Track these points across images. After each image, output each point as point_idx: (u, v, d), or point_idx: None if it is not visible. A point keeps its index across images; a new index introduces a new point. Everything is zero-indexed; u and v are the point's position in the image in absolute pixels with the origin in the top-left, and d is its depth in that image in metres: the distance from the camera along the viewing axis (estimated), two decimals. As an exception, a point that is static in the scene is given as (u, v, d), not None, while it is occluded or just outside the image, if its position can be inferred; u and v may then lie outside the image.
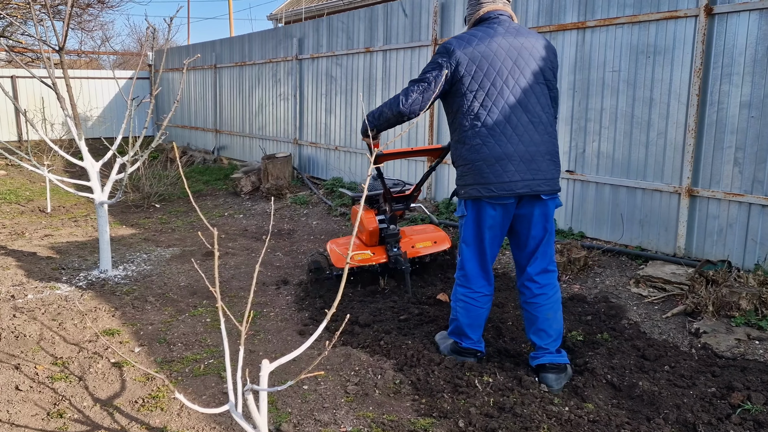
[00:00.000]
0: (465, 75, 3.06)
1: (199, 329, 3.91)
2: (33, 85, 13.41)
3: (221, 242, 6.25)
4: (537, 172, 3.06)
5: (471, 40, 3.08)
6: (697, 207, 4.64)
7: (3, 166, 11.02)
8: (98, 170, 5.03)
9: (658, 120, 4.82)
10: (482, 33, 3.11)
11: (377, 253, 4.49)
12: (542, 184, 3.07)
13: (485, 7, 3.20)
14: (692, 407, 2.86)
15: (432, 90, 3.11)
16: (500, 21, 3.16)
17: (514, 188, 3.04)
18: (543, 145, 3.09)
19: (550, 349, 3.17)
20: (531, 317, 3.23)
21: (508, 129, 3.05)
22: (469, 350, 3.34)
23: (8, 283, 4.65)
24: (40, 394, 3.05)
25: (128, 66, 24.32)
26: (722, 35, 4.40)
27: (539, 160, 3.07)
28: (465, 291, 3.30)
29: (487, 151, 3.05)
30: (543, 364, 3.15)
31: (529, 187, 3.05)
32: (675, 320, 3.95)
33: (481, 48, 3.06)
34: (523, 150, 3.05)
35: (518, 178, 3.04)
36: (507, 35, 3.10)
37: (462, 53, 3.06)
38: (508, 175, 3.04)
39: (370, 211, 4.58)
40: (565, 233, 5.51)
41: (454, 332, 3.40)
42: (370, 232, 4.49)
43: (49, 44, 4.85)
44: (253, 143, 10.84)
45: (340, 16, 8.32)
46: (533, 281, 3.20)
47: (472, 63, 3.06)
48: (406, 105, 3.15)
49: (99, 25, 19.59)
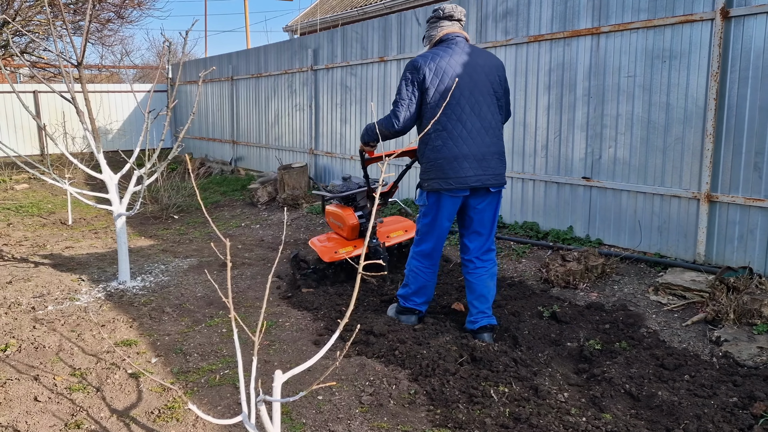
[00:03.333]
0: (429, 87, 3.61)
1: (215, 339, 3.93)
2: (54, 99, 13.68)
3: (237, 252, 6.29)
4: (487, 169, 3.66)
5: (434, 58, 3.64)
6: (717, 213, 4.56)
7: (26, 180, 11.23)
8: (116, 182, 5.10)
9: (675, 125, 4.76)
10: (442, 52, 3.67)
11: (358, 245, 4.91)
12: (491, 178, 3.68)
13: (444, 30, 3.77)
14: (713, 418, 2.81)
15: (414, 103, 3.67)
16: (456, 42, 3.72)
17: (468, 182, 3.63)
18: (493, 146, 3.69)
19: (487, 313, 3.81)
20: (473, 286, 3.84)
21: (464, 132, 3.63)
22: (409, 309, 3.98)
23: (29, 294, 4.72)
24: (58, 405, 3.08)
25: (148, 79, 24.69)
26: (739, 38, 4.34)
27: (489, 159, 3.67)
28: (418, 264, 3.93)
29: (447, 151, 3.63)
30: (483, 325, 3.78)
31: (481, 181, 3.65)
32: (695, 328, 3.88)
33: (442, 64, 3.62)
34: (476, 150, 3.63)
35: (472, 173, 3.63)
36: (463, 54, 3.67)
37: (427, 68, 3.61)
38: (463, 171, 3.62)
39: (348, 208, 5.01)
40: (582, 240, 5.46)
41: (401, 295, 4.03)
42: (351, 228, 4.92)
43: (69, 60, 4.94)
44: (269, 154, 10.92)
45: (354, 27, 8.37)
46: (479, 258, 3.84)
47: (435, 77, 3.60)
48: (400, 125, 3.71)
49: (119, 39, 19.94)
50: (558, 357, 3.56)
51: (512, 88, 6.06)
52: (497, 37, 6.16)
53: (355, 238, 4.98)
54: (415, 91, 3.63)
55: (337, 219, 5.07)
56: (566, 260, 4.81)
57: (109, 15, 14.83)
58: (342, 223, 4.97)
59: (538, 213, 5.93)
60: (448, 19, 3.78)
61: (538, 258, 5.34)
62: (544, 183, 5.83)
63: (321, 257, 4.87)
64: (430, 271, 3.93)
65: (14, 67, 16.18)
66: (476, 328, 3.78)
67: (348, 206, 5.05)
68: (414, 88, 3.63)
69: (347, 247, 4.88)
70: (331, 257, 4.81)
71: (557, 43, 5.59)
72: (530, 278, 4.99)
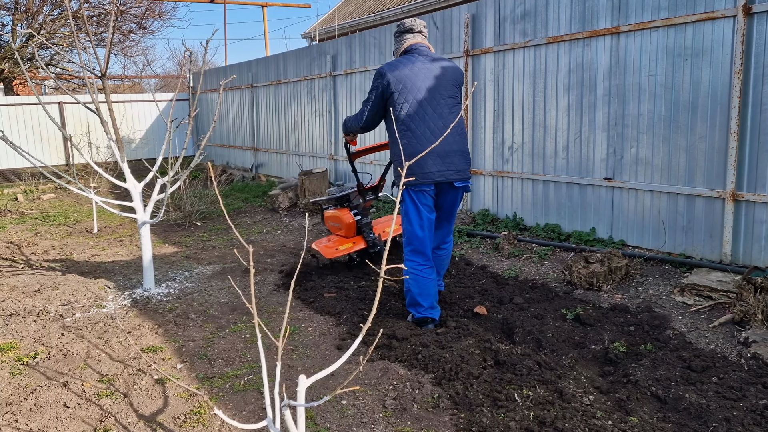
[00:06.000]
0: (394, 92, 3.97)
1: (239, 345, 3.97)
2: (80, 110, 13.94)
3: (260, 258, 6.34)
4: (450, 165, 3.97)
5: (398, 66, 4.02)
6: (743, 211, 4.49)
7: (52, 190, 11.45)
8: (140, 191, 5.17)
9: (698, 124, 4.70)
10: (406, 60, 4.06)
11: (357, 241, 5.33)
12: (454, 174, 3.98)
13: (407, 42, 4.17)
14: (743, 420, 2.76)
15: (377, 106, 4.09)
16: (420, 51, 4.11)
17: (432, 177, 3.93)
18: (455, 144, 3.99)
19: (440, 282, 4.52)
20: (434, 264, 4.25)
21: (427, 132, 3.94)
22: (424, 319, 4.06)
23: (57, 302, 4.81)
24: (87, 410, 3.14)
25: (169, 88, 25.03)
26: (762, 35, 4.28)
27: (452, 156, 3.98)
28: (413, 264, 4.07)
29: (412, 149, 3.93)
30: None
31: (444, 176, 3.95)
32: (722, 329, 3.82)
33: (405, 71, 3.98)
34: (439, 148, 3.91)
35: (435, 169, 3.93)
36: (425, 62, 4.05)
37: (391, 75, 3.98)
38: (427, 167, 3.91)
39: (344, 209, 5.42)
40: (605, 242, 5.40)
41: (410, 304, 4.13)
42: (348, 225, 5.31)
43: (92, 71, 5.04)
44: (290, 160, 11.00)
45: (372, 32, 8.40)
46: (443, 242, 4.32)
47: (399, 82, 3.96)
48: (363, 123, 4.22)
49: (141, 50, 20.26)
50: (582, 360, 3.53)
51: (531, 89, 6.04)
52: (515, 39, 6.14)
53: (354, 235, 5.39)
54: (379, 95, 4.03)
55: (335, 221, 5.43)
56: (589, 262, 4.76)
57: (131, 26, 15.09)
58: (340, 223, 5.36)
59: (560, 215, 5.88)
60: (409, 32, 4.20)
61: (560, 260, 5.30)
62: (565, 184, 5.79)
63: (324, 256, 5.24)
64: (426, 267, 4.05)
65: (40, 79, 16.53)
66: None
67: (344, 207, 5.47)
68: (378, 93, 4.03)
69: (347, 244, 5.29)
70: (332, 254, 5.21)
71: (576, 43, 5.56)
72: (553, 280, 4.95)
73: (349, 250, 5.26)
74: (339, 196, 5.50)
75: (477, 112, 6.67)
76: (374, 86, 4.08)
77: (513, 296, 4.60)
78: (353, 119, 4.34)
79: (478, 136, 6.71)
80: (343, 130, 4.60)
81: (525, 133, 6.15)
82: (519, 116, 6.21)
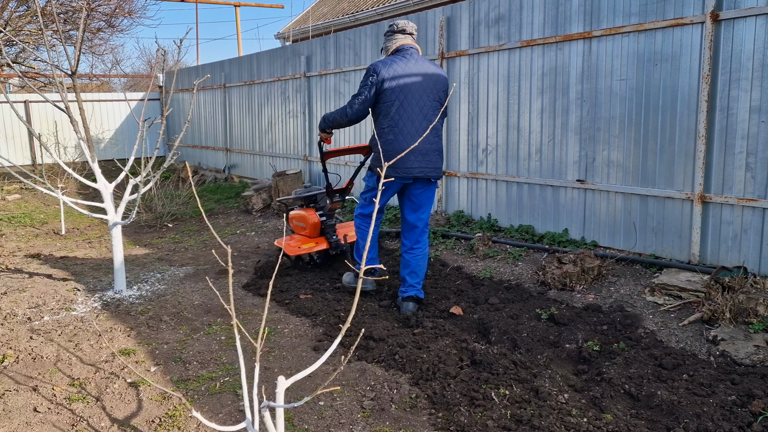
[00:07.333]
0: (388, 89, 4.19)
1: (214, 347, 3.92)
2: (46, 109, 13.62)
3: (234, 260, 6.28)
4: (429, 162, 4.27)
5: (391, 64, 4.23)
6: (711, 213, 4.61)
7: (17, 190, 11.16)
8: (111, 191, 5.08)
9: (668, 127, 4.81)
10: (399, 59, 4.27)
11: (319, 242, 5.47)
12: (431, 171, 4.29)
13: (398, 42, 4.38)
14: (712, 416, 2.83)
15: (368, 100, 4.26)
16: (410, 52, 4.33)
17: (412, 172, 4.23)
18: (434, 144, 4.29)
19: (417, 287, 4.45)
20: (407, 263, 4.46)
21: (412, 130, 4.21)
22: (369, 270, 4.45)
23: (24, 305, 4.69)
24: (58, 415, 3.07)
25: (139, 88, 24.63)
26: (729, 41, 4.40)
27: (431, 154, 4.28)
28: (360, 222, 4.57)
29: (397, 144, 4.20)
30: (411, 296, 4.42)
31: (423, 172, 4.26)
32: (692, 328, 3.91)
33: (398, 69, 4.21)
34: (421, 146, 4.20)
35: (416, 165, 4.22)
36: (416, 63, 4.27)
37: (385, 72, 4.19)
38: (409, 162, 4.20)
39: (310, 209, 5.57)
40: (577, 243, 5.49)
41: (360, 256, 4.59)
42: (313, 225, 5.45)
43: (62, 69, 4.93)
44: (263, 161, 10.91)
45: (347, 33, 8.39)
46: (417, 241, 4.45)
47: (392, 80, 4.18)
48: (352, 114, 4.34)
49: (109, 48, 19.90)
50: (557, 359, 3.58)
51: (505, 92, 6.10)
52: (490, 42, 6.20)
53: (317, 235, 5.52)
54: (372, 89, 4.22)
55: (300, 220, 5.54)
56: (562, 263, 4.83)
57: (99, 24, 14.80)
58: (305, 222, 5.50)
59: (533, 216, 5.96)
60: (402, 33, 4.39)
61: (534, 261, 5.37)
62: (539, 186, 5.86)
63: (287, 252, 5.40)
64: (371, 224, 4.25)
65: (4, 77, 16.11)
66: (404, 296, 4.43)
67: (310, 207, 5.62)
68: (371, 88, 4.22)
69: (309, 243, 5.45)
70: (295, 252, 5.37)
71: (549, 47, 5.64)
72: (527, 281, 5.01)
73: (311, 249, 5.39)
74: (306, 196, 5.61)
75: (452, 114, 6.72)
76: (367, 82, 4.23)
77: (488, 297, 4.64)
78: (338, 113, 4.44)
79: (453, 138, 6.75)
80: (321, 125, 4.65)
81: (499, 135, 6.21)
82: (493, 119, 6.27)
